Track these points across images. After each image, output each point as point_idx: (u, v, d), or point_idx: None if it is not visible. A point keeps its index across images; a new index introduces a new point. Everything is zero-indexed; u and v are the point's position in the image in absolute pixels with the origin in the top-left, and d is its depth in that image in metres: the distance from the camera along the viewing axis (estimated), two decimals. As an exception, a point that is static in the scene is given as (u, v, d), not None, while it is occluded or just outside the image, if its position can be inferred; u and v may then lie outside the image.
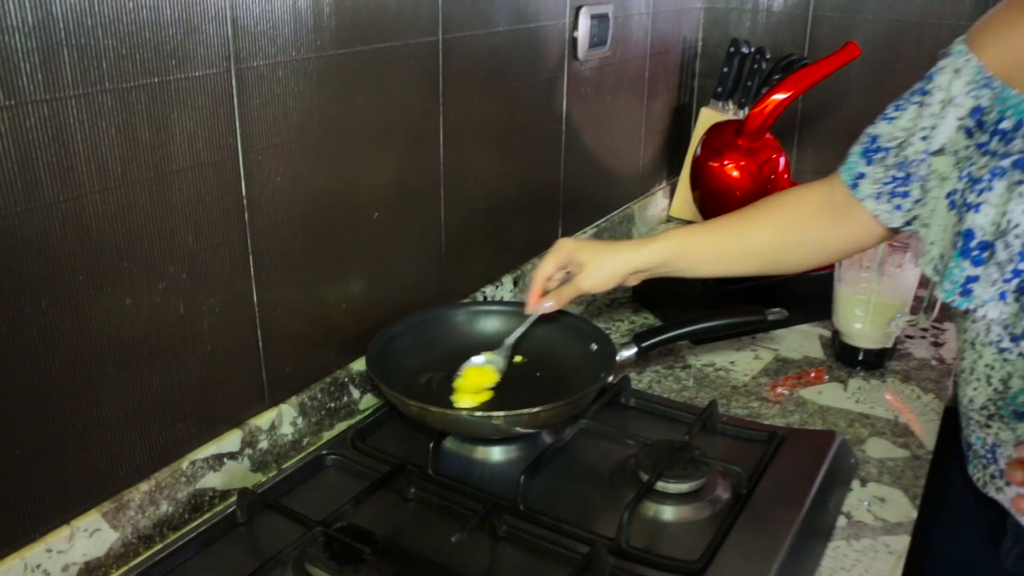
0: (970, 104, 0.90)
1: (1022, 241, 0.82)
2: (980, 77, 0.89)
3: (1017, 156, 0.83)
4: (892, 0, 1.91)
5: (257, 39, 0.91)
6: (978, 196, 0.85)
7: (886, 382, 1.33)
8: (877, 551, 0.96)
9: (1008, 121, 0.86)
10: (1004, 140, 0.85)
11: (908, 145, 0.97)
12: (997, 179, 0.83)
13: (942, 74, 0.94)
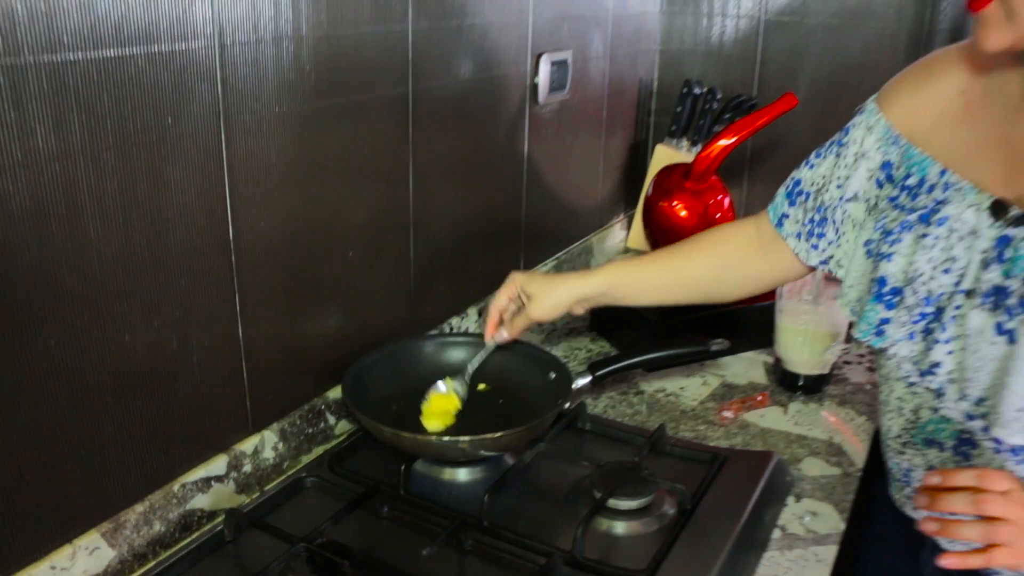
0: (880, 159, 1.01)
1: (927, 288, 0.93)
2: (888, 135, 1.01)
3: (922, 211, 0.94)
4: (833, 45, 2.03)
5: (244, 96, 1.00)
6: (890, 247, 0.96)
7: (823, 406, 1.44)
8: (807, 560, 1.07)
9: (913, 178, 0.97)
10: (911, 195, 0.96)
11: (825, 191, 1.08)
12: (905, 232, 0.94)
13: (857, 129, 1.05)
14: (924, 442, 1.00)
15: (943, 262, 0.92)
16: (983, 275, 0.89)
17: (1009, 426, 0.85)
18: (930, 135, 0.98)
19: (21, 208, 0.80)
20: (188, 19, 0.91)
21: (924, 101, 0.99)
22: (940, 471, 0.85)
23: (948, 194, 0.93)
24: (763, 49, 2.12)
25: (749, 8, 2.10)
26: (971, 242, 0.90)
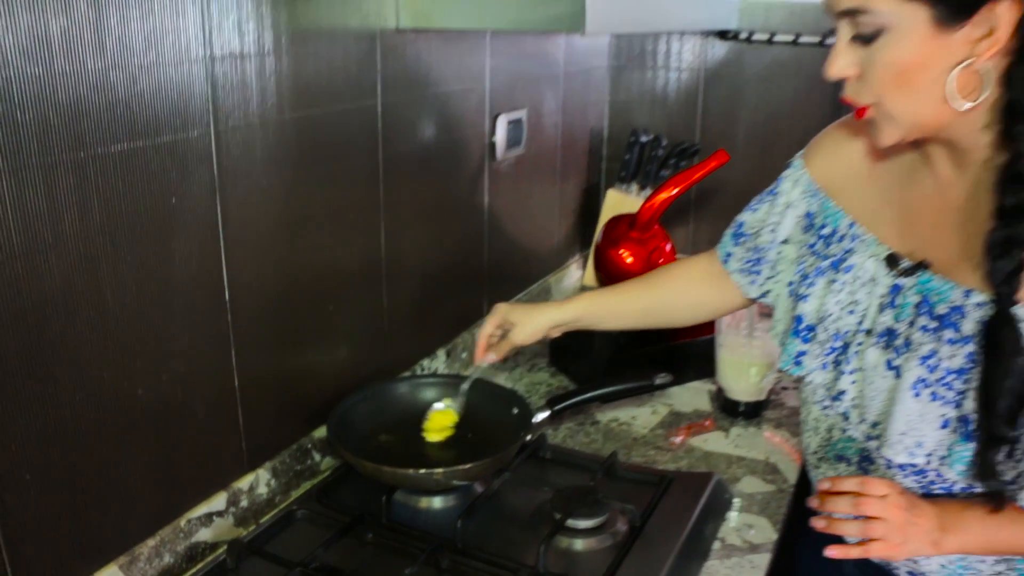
0: (804, 208, 1.17)
1: (836, 326, 1.08)
2: (811, 188, 1.17)
3: (833, 258, 1.10)
4: (767, 95, 2.21)
5: (236, 174, 1.14)
6: (806, 289, 1.11)
7: (762, 429, 1.60)
8: (743, 567, 1.21)
9: (828, 228, 1.13)
10: (825, 243, 1.12)
11: (761, 235, 1.24)
12: (819, 276, 1.10)
13: (786, 181, 1.21)
14: (835, 457, 1.16)
15: (848, 304, 1.08)
16: (879, 318, 1.04)
17: (894, 447, 1.00)
18: (842, 190, 1.14)
19: (52, 284, 0.93)
20: (188, 111, 1.05)
21: (839, 160, 1.15)
22: (831, 478, 1.00)
23: (855, 244, 1.09)
24: (704, 99, 2.29)
25: (690, 61, 2.27)
26: (871, 288, 1.06)
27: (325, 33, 1.25)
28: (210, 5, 1.05)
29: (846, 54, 0.93)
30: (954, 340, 0.96)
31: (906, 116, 0.92)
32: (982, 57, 0.87)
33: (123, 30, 0.95)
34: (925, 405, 0.97)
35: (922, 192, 1.03)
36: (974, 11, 0.85)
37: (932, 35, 0.87)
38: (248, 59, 1.12)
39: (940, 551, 1.00)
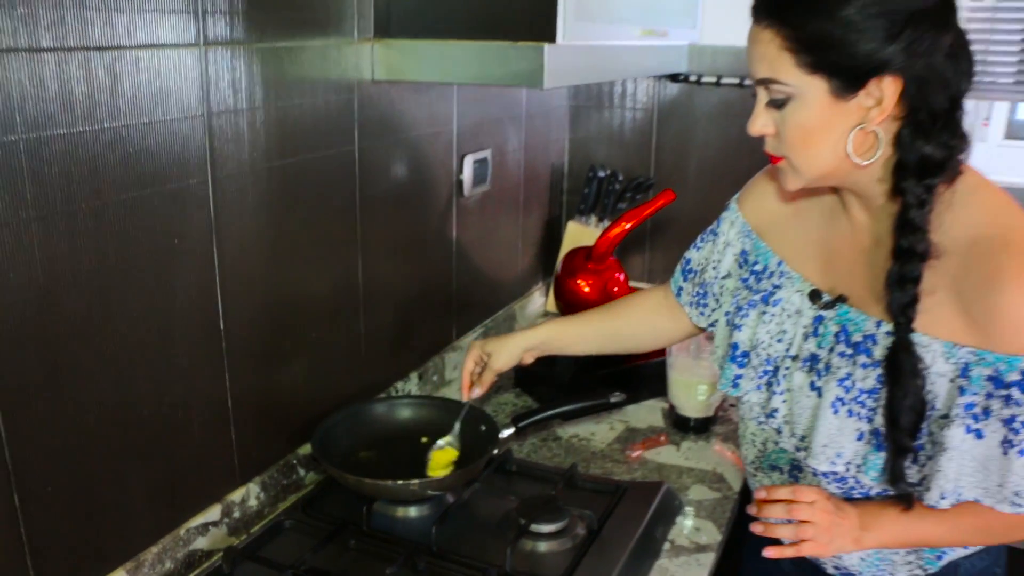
0: (740, 247, 1.32)
1: (767, 352, 1.22)
2: (744, 229, 1.31)
3: (763, 293, 1.24)
4: (716, 132, 2.37)
5: (230, 215, 1.26)
6: (741, 319, 1.25)
7: (711, 443, 1.74)
8: (691, 565, 1.35)
9: (759, 265, 1.27)
10: (757, 279, 1.27)
11: (705, 271, 1.38)
12: (751, 309, 1.24)
13: (724, 223, 1.36)
14: (769, 467, 1.30)
15: (777, 333, 1.22)
16: (804, 345, 1.19)
17: (818, 457, 1.15)
18: (771, 232, 1.28)
19: (71, 316, 1.05)
20: (189, 162, 1.18)
21: (767, 204, 1.29)
22: (767, 487, 1.14)
23: (782, 281, 1.23)
24: (657, 136, 2.45)
25: (644, 102, 2.43)
26: (796, 319, 1.20)
27: (308, 86, 1.38)
28: (208, 68, 1.18)
29: (764, 115, 1.08)
30: (866, 364, 1.11)
31: (810, 169, 1.07)
32: (873, 122, 1.02)
33: (135, 92, 1.08)
34: (843, 420, 1.12)
35: (840, 234, 1.18)
36: (863, 84, 1.00)
37: (831, 103, 1.02)
38: (241, 113, 1.25)
39: (861, 547, 1.14)
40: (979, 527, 1.11)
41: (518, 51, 1.38)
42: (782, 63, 1.02)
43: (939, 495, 1.06)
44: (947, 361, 1.04)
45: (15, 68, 0.93)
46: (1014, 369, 1.00)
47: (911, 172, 1.03)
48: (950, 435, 1.04)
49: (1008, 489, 1.03)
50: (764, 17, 1.04)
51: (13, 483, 1.01)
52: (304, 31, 1.35)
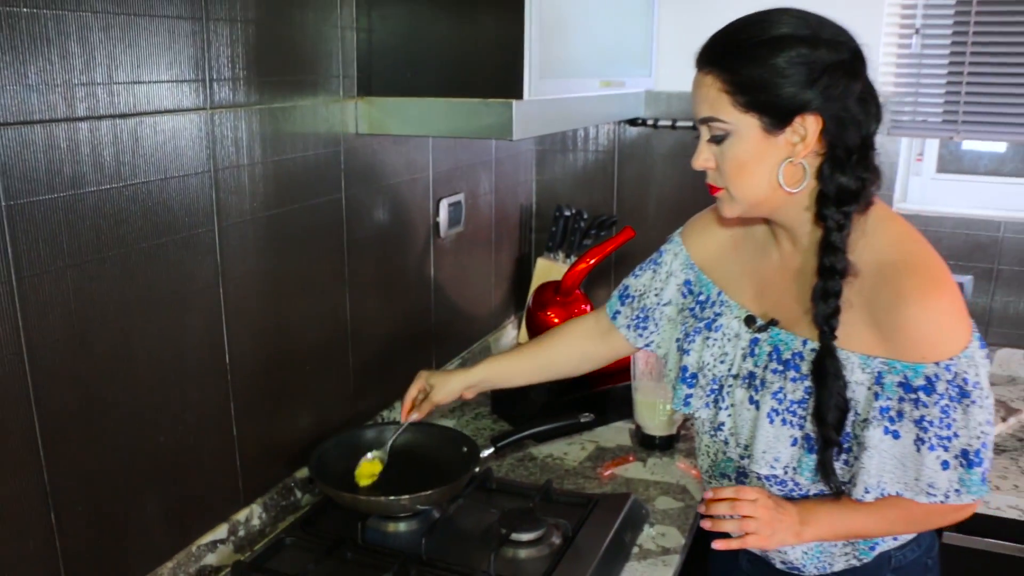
0: (683, 278, 1.47)
1: (712, 373, 1.37)
2: (688, 262, 1.47)
3: (707, 320, 1.39)
4: (673, 171, 2.54)
5: (233, 260, 1.40)
6: (688, 344, 1.40)
7: (675, 459, 1.88)
8: (657, 567, 1.49)
9: (703, 295, 1.42)
10: (701, 308, 1.42)
11: (646, 297, 1.52)
12: (697, 335, 1.39)
13: (667, 254, 1.50)
14: (720, 475, 1.44)
15: (720, 355, 1.37)
16: (743, 365, 1.33)
17: (759, 462, 1.29)
18: (712, 265, 1.43)
19: (100, 354, 1.18)
20: (198, 213, 1.32)
21: (708, 240, 1.45)
22: (713, 488, 1.28)
23: (723, 308, 1.39)
24: (618, 176, 2.62)
25: (605, 145, 2.60)
26: (736, 342, 1.35)
27: (300, 141, 1.53)
28: (214, 128, 1.32)
29: (705, 151, 1.23)
30: (795, 378, 1.26)
31: (747, 197, 1.22)
32: (799, 155, 1.18)
33: (154, 152, 1.22)
34: (778, 429, 1.27)
35: (771, 264, 1.33)
36: (789, 121, 1.17)
37: (763, 138, 1.18)
38: (243, 168, 1.39)
39: (801, 540, 1.28)
40: (903, 517, 1.26)
41: (489, 107, 1.54)
42: (721, 103, 1.19)
43: (864, 490, 1.22)
44: (863, 371, 1.20)
45: (56, 135, 1.07)
46: (919, 375, 1.16)
47: (831, 200, 1.19)
48: (869, 435, 1.19)
49: (923, 482, 1.19)
50: (706, 64, 1.21)
51: (51, 502, 1.13)
52: (296, 92, 1.50)
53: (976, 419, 1.17)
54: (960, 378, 1.16)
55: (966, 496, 1.19)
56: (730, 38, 1.21)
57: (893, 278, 1.17)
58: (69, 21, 1.07)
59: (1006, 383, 2.30)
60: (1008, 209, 2.37)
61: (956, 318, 1.18)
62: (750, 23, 1.20)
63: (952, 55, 2.24)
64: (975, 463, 1.18)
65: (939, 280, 1.18)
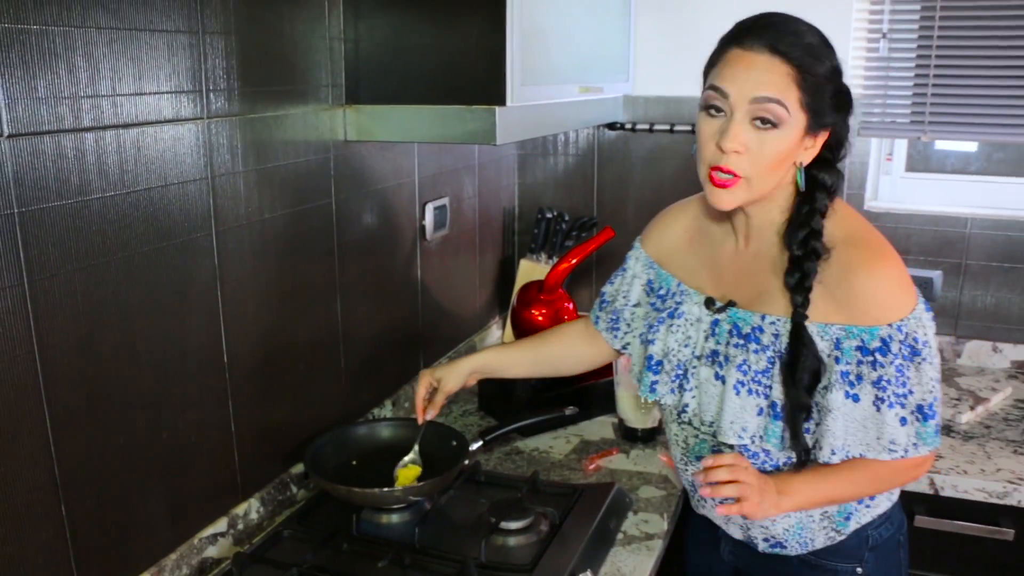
0: (645, 278, 1.54)
1: (677, 358, 1.43)
2: (648, 262, 1.54)
3: (669, 310, 1.46)
4: (651, 174, 2.61)
5: (231, 264, 1.46)
6: (653, 335, 1.47)
7: (656, 451, 1.95)
8: (641, 551, 1.55)
9: (663, 289, 1.50)
10: (663, 300, 1.49)
11: (616, 301, 1.59)
12: (661, 324, 1.46)
13: (630, 259, 1.59)
14: (696, 458, 1.50)
15: (684, 340, 1.44)
16: (705, 345, 1.41)
17: (726, 433, 1.36)
18: (670, 260, 1.52)
19: (106, 353, 1.23)
20: (197, 218, 1.37)
21: (664, 239, 1.53)
22: (712, 455, 1.33)
23: (683, 297, 1.46)
24: (598, 179, 2.69)
25: (585, 148, 2.67)
26: (698, 326, 1.42)
27: (292, 148, 1.59)
28: (211, 137, 1.38)
29: (744, 133, 1.23)
30: (757, 350, 1.34)
31: (764, 188, 1.28)
32: (805, 160, 1.29)
33: (155, 160, 1.28)
34: (744, 399, 1.34)
35: (727, 253, 1.42)
36: (819, 131, 1.27)
37: (801, 138, 1.26)
38: (238, 174, 1.45)
39: (780, 510, 1.34)
40: (870, 478, 1.34)
41: (473, 113, 1.61)
42: (790, 93, 1.23)
43: (830, 451, 1.31)
44: (823, 339, 1.29)
45: (63, 145, 1.13)
46: (875, 338, 1.26)
47: (827, 191, 1.31)
48: (832, 399, 1.29)
49: (885, 439, 1.29)
50: (768, 46, 1.22)
51: (61, 495, 1.19)
52: (287, 101, 1.56)
53: (927, 375, 1.28)
54: (911, 338, 1.27)
55: (923, 448, 1.30)
56: (800, 34, 1.25)
57: (842, 252, 1.29)
58: (76, 37, 1.12)
59: (975, 374, 2.39)
60: (974, 206, 2.46)
61: (902, 283, 1.29)
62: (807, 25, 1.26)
63: (918, 59, 2.33)
64: (929, 416, 1.29)
65: (882, 251, 1.31)
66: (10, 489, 1.11)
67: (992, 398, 2.19)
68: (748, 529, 1.48)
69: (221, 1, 1.37)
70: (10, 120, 1.05)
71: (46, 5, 1.08)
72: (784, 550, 1.46)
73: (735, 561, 1.57)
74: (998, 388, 2.27)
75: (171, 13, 1.28)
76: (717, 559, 1.60)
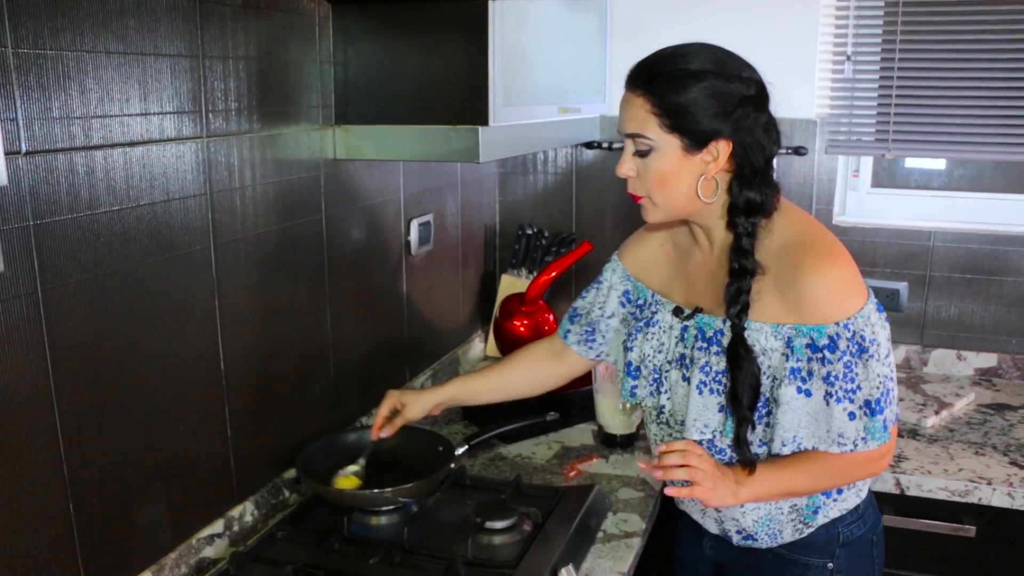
0: (622, 289, 1.63)
1: (652, 363, 1.52)
2: (625, 275, 1.63)
3: (645, 319, 1.54)
4: (626, 190, 2.69)
5: (227, 275, 1.53)
6: (631, 343, 1.55)
7: (635, 456, 2.03)
8: (620, 548, 1.63)
9: (641, 300, 1.59)
10: (640, 310, 1.58)
11: (592, 313, 1.68)
12: (638, 333, 1.54)
13: (607, 272, 1.67)
14: (671, 457, 1.59)
15: (658, 346, 1.52)
16: (675, 349, 1.49)
17: (690, 429, 1.45)
18: (646, 274, 1.60)
19: (111, 361, 1.30)
20: (196, 231, 1.45)
21: (640, 253, 1.62)
22: (666, 442, 1.41)
23: (658, 307, 1.55)
24: (576, 196, 2.77)
25: (563, 167, 2.76)
26: (670, 333, 1.51)
27: (284, 166, 1.66)
28: (210, 155, 1.46)
29: (629, 161, 1.40)
30: (718, 352, 1.43)
31: (667, 205, 1.40)
32: (711, 172, 1.36)
33: (159, 177, 1.35)
34: (706, 398, 1.43)
35: (695, 263, 1.51)
36: (705, 144, 1.34)
37: (681, 156, 1.35)
38: (235, 191, 1.53)
39: (738, 500, 1.42)
40: (825, 471, 1.42)
41: (457, 133, 1.69)
42: (649, 123, 1.36)
43: (781, 443, 1.39)
44: (775, 338, 1.38)
45: (75, 162, 1.20)
46: (823, 336, 1.35)
47: (740, 211, 1.38)
48: (783, 393, 1.37)
49: (834, 432, 1.37)
50: (638, 87, 1.37)
51: (69, 493, 1.25)
52: (281, 121, 1.64)
53: (875, 371, 1.36)
54: (858, 335, 1.35)
55: (872, 443, 1.38)
56: (659, 66, 1.38)
57: (792, 255, 1.37)
58: (87, 61, 1.20)
59: (940, 381, 2.48)
60: (937, 220, 2.56)
61: (850, 283, 1.37)
62: (677, 54, 1.37)
63: (881, 79, 2.44)
64: (876, 411, 1.36)
65: (832, 253, 1.38)
66: (23, 487, 1.18)
67: (956, 403, 2.29)
68: (722, 523, 1.55)
69: (220, 27, 1.45)
70: (28, 138, 1.12)
71: (61, 32, 1.16)
72: (756, 543, 1.54)
73: (716, 556, 1.65)
74: (962, 394, 2.37)
75: (174, 38, 1.35)
76: (701, 555, 1.68)
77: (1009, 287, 2.46)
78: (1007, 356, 2.50)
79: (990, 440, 2.10)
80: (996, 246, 2.45)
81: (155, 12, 1.32)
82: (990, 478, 1.91)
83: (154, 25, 1.32)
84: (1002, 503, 1.88)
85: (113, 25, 1.24)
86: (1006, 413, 2.27)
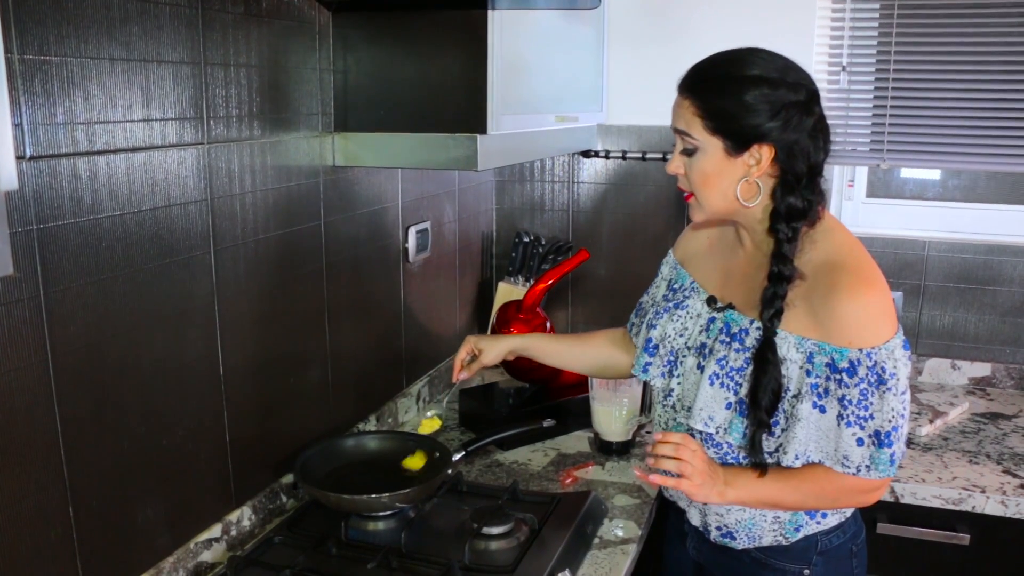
0: (670, 278, 1.66)
1: (671, 345, 1.54)
2: (673, 264, 1.66)
3: (676, 301, 1.57)
4: (624, 199, 2.72)
5: (227, 280, 1.54)
6: (656, 320, 1.58)
7: (631, 463, 2.04)
8: (616, 554, 1.64)
9: (678, 283, 1.61)
10: (675, 293, 1.60)
11: (649, 305, 1.70)
12: (665, 313, 1.57)
13: (663, 265, 1.71)
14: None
15: (681, 330, 1.54)
16: (697, 337, 1.51)
17: (695, 419, 1.46)
18: (691, 262, 1.63)
19: (113, 364, 1.31)
20: (197, 237, 1.46)
21: (690, 243, 1.65)
22: (663, 432, 1.43)
23: (691, 293, 1.57)
24: (573, 204, 2.79)
25: (560, 175, 2.77)
26: (696, 320, 1.53)
27: (284, 172, 1.67)
28: (211, 161, 1.47)
29: (677, 160, 1.45)
30: (739, 349, 1.44)
31: (710, 205, 1.43)
32: (753, 175, 1.38)
33: (160, 182, 1.36)
34: (716, 391, 1.45)
35: (738, 260, 1.53)
36: (748, 147, 1.37)
37: (724, 157, 1.38)
38: (236, 197, 1.54)
39: (724, 500, 1.44)
40: (815, 492, 1.43)
41: (456, 141, 1.71)
42: (694, 124, 1.40)
43: (793, 456, 1.40)
44: (798, 351, 1.39)
45: (78, 167, 1.21)
46: (844, 359, 1.35)
47: (781, 217, 1.39)
48: (801, 408, 1.38)
49: (840, 452, 1.38)
50: (686, 90, 1.42)
51: (69, 496, 1.26)
52: (281, 128, 1.65)
53: (890, 405, 1.35)
54: (879, 367, 1.35)
55: (875, 473, 1.38)
56: (708, 71, 1.42)
57: (830, 273, 1.37)
58: (91, 67, 1.21)
59: (934, 390, 2.50)
60: (932, 230, 2.58)
61: (881, 314, 1.37)
62: (727, 60, 1.41)
63: (876, 90, 2.46)
64: (885, 444, 1.36)
65: (870, 280, 1.38)
66: (24, 488, 1.19)
67: (951, 412, 2.30)
68: (705, 515, 1.56)
69: (222, 35, 1.47)
70: (32, 143, 1.14)
71: (66, 39, 1.17)
72: (733, 542, 1.55)
73: (697, 556, 1.66)
74: (956, 403, 2.38)
75: (177, 45, 1.37)
76: (684, 555, 1.69)
77: (1003, 297, 2.48)
78: (1001, 365, 2.51)
79: (984, 449, 2.12)
80: (990, 256, 2.47)
81: (158, 19, 1.33)
82: (984, 486, 1.92)
83: (157, 32, 1.33)
84: (996, 511, 1.89)
85: (117, 32, 1.25)
86: (1000, 422, 2.28)
